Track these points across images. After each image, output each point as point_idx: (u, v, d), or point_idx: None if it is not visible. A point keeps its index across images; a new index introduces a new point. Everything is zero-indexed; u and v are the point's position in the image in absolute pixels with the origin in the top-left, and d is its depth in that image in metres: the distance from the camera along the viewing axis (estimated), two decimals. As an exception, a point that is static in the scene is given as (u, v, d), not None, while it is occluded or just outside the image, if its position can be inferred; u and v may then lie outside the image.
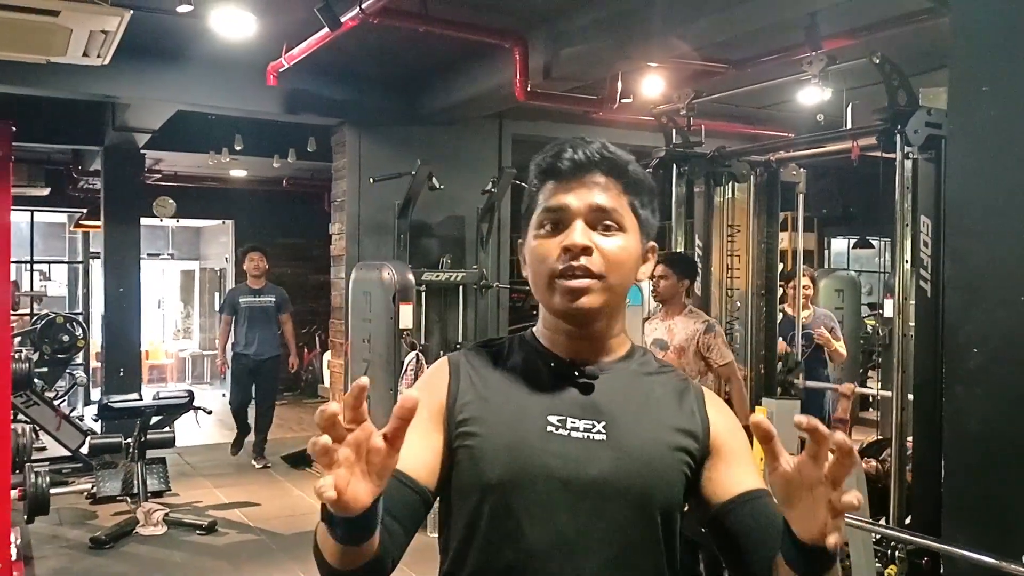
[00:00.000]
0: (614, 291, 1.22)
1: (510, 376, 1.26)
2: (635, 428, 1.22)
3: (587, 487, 1.17)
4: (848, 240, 12.46)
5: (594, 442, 1.19)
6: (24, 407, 6.83)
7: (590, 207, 1.21)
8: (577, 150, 1.22)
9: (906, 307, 3.95)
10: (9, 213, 4.48)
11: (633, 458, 1.19)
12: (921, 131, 3.82)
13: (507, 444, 1.19)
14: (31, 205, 10.94)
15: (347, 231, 6.68)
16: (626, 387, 1.26)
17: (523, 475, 1.17)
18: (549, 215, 1.22)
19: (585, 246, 1.19)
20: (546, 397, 1.23)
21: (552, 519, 1.17)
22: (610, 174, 1.23)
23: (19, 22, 3.34)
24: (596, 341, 1.27)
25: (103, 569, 4.94)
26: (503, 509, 1.18)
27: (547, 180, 1.24)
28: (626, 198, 1.24)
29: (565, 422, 1.20)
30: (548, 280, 1.21)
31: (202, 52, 5.73)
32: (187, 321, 15.67)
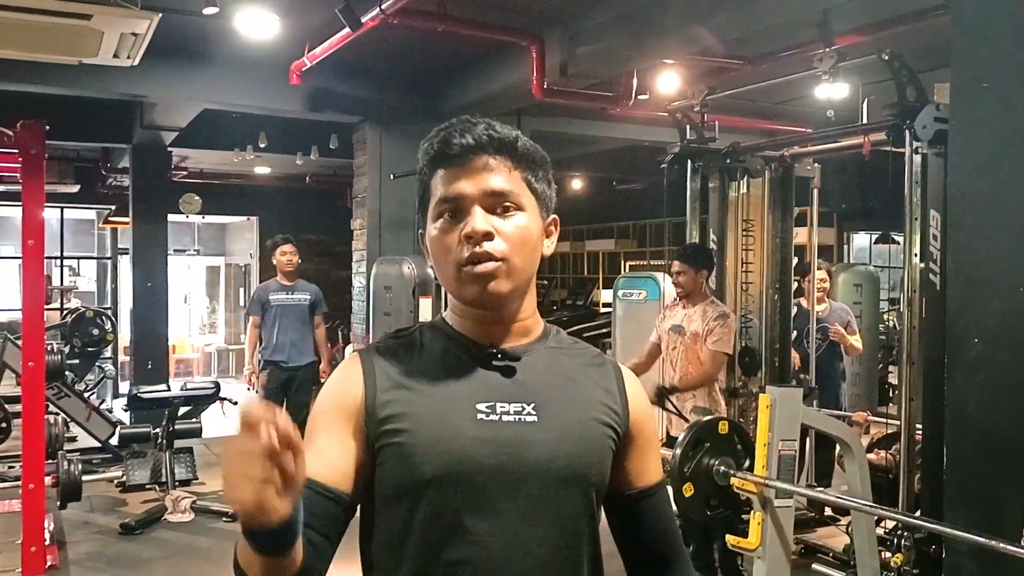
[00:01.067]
0: (520, 272, 1.19)
1: (430, 366, 1.20)
2: (563, 407, 1.20)
3: (526, 471, 1.15)
4: (870, 235, 12.43)
5: (526, 425, 1.17)
6: (56, 399, 7.03)
7: (485, 192, 1.17)
8: (464, 134, 1.19)
9: (915, 300, 4.01)
10: (42, 208, 4.65)
11: (566, 437, 1.18)
12: (930, 126, 3.88)
13: (438, 437, 1.14)
14: (61, 202, 11.17)
15: (368, 227, 6.81)
16: (547, 367, 1.23)
17: (459, 466, 1.13)
18: (446, 205, 1.18)
19: (486, 232, 1.15)
20: (471, 384, 1.19)
21: (494, 508, 1.14)
22: (500, 153, 1.19)
23: (53, 26, 3.49)
24: (510, 324, 1.23)
25: (132, 554, 5.08)
26: (441, 505, 1.13)
27: (437, 167, 1.20)
28: (518, 174, 1.20)
29: (494, 407, 1.17)
30: (455, 270, 1.18)
31: (227, 52, 5.88)
32: (213, 316, 15.91)
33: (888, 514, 3.39)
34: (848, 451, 3.29)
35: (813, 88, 5.94)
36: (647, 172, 9.75)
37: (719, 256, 5.43)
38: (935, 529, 2.87)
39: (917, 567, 3.78)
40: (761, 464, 2.92)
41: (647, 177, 10.56)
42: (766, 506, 2.91)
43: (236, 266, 15.12)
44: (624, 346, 7.84)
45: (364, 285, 6.77)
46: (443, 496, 1.12)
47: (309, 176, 11.49)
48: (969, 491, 2.82)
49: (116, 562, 4.93)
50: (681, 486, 2.90)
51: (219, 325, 15.74)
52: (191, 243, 15.04)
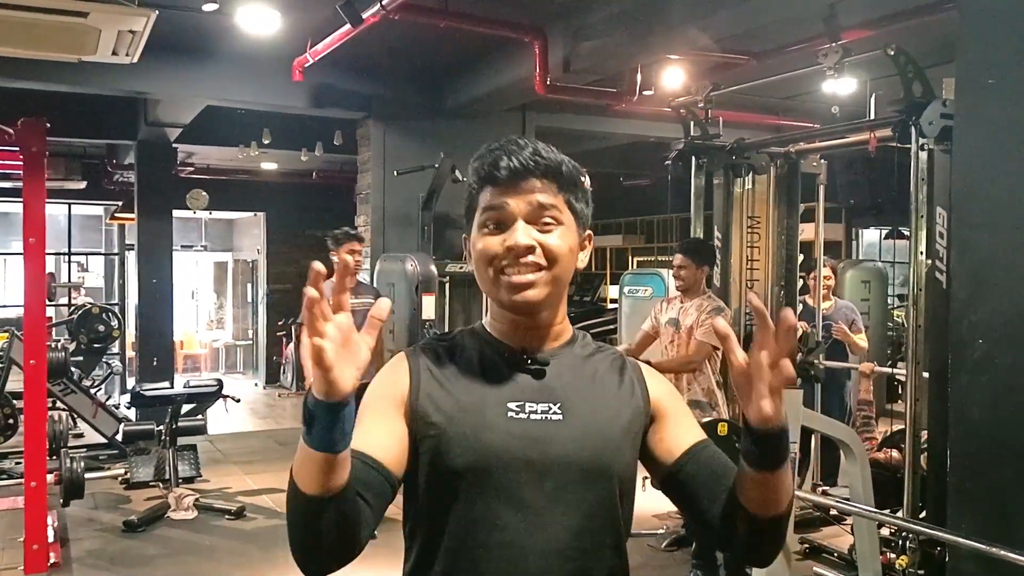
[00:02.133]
0: (557, 282, 1.29)
1: (467, 368, 1.32)
2: (587, 406, 1.30)
3: (550, 465, 1.25)
4: (880, 231, 12.35)
5: (552, 423, 1.27)
6: (62, 395, 7.04)
7: (530, 207, 1.27)
8: (513, 158, 1.28)
9: (921, 298, 3.96)
10: (44, 206, 4.64)
11: (589, 434, 1.28)
12: (936, 123, 3.82)
13: (472, 432, 1.25)
14: (68, 198, 11.19)
15: (372, 223, 6.80)
16: (574, 369, 1.34)
17: (490, 459, 1.24)
18: (492, 214, 1.29)
19: (529, 245, 1.26)
20: (503, 385, 1.29)
21: (521, 498, 1.24)
22: (545, 177, 1.29)
23: (50, 24, 3.47)
24: (542, 329, 1.34)
25: (136, 551, 5.09)
26: (473, 493, 1.24)
27: (486, 185, 1.30)
28: (562, 196, 1.30)
29: (524, 407, 1.27)
30: (495, 276, 1.28)
31: (229, 49, 5.87)
32: (220, 312, 15.94)
33: (886, 519, 3.35)
34: (849, 453, 3.25)
35: (821, 83, 5.88)
36: (654, 168, 9.69)
37: (724, 253, 5.39)
38: (933, 535, 2.83)
39: (922, 568, 3.74)
40: (761, 466, 2.89)
41: (654, 173, 10.51)
42: (766, 509, 2.87)
43: (243, 262, 15.14)
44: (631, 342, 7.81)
45: (368, 281, 6.75)
46: (474, 486, 1.24)
47: (315, 172, 11.49)
48: (972, 493, 2.79)
49: (119, 560, 4.93)
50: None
51: (227, 321, 15.76)
52: (198, 239, 15.05)
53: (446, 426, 1.26)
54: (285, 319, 12.92)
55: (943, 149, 3.89)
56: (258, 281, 13.74)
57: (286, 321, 12.87)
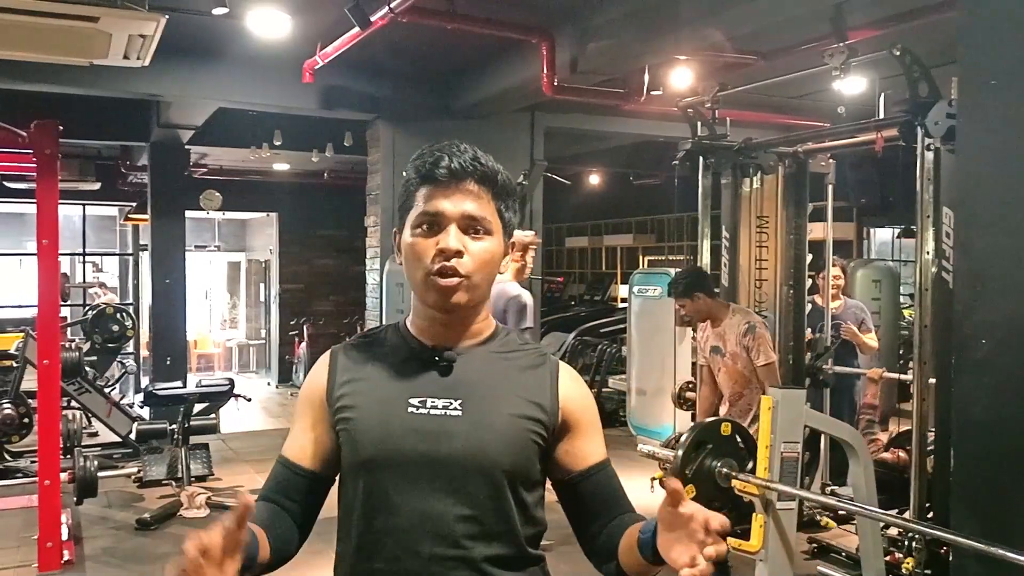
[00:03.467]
0: (480, 288, 1.37)
1: (380, 362, 1.41)
2: (487, 402, 1.36)
3: (444, 459, 1.33)
4: (892, 230, 12.29)
5: (450, 418, 1.34)
6: (76, 394, 7.12)
7: (463, 215, 1.34)
8: (453, 159, 1.35)
9: (927, 298, 3.95)
10: (57, 207, 4.71)
11: (484, 429, 1.34)
12: (942, 122, 3.81)
13: (375, 425, 1.35)
14: (83, 199, 11.30)
15: (381, 224, 6.83)
16: (483, 366, 1.40)
17: (388, 452, 1.33)
18: (426, 217, 1.35)
19: (458, 250, 1.33)
20: (410, 380, 1.38)
21: (416, 491, 1.32)
22: (482, 183, 1.36)
23: (62, 28, 3.52)
24: (461, 326, 1.41)
25: (148, 549, 5.14)
26: (375, 484, 1.34)
27: (424, 184, 1.36)
28: (494, 204, 1.38)
29: (425, 402, 1.35)
30: (424, 277, 1.35)
31: (240, 51, 5.92)
32: (233, 311, 16.04)
33: (889, 519, 3.35)
34: (852, 453, 3.25)
35: (829, 83, 5.87)
36: (664, 167, 9.70)
37: (731, 252, 5.40)
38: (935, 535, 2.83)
39: (929, 568, 3.73)
40: (763, 466, 2.90)
41: (664, 172, 10.51)
42: (768, 508, 2.88)
43: (256, 262, 15.24)
44: (640, 341, 7.82)
45: (377, 282, 6.80)
46: (375, 475, 1.34)
47: (327, 172, 11.55)
48: (976, 494, 2.79)
49: (131, 558, 4.99)
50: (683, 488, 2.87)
51: (240, 320, 15.86)
52: (212, 239, 15.16)
53: (355, 419, 1.36)
54: (297, 318, 13.01)
55: (950, 149, 3.88)
56: (270, 281, 13.82)
57: (298, 320, 12.95)
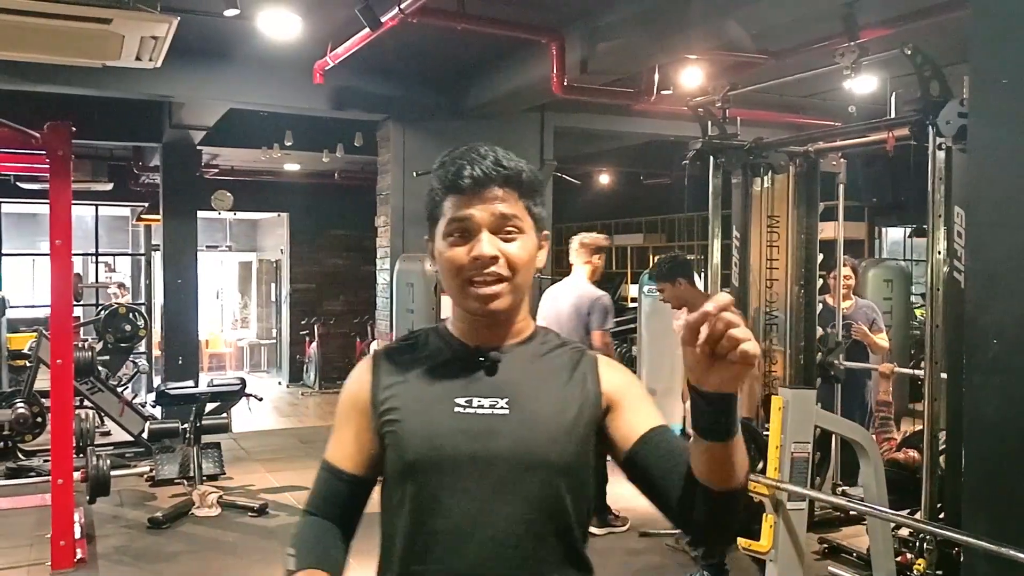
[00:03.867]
0: (520, 289, 1.37)
1: (423, 365, 1.40)
2: (534, 400, 1.35)
3: (493, 458, 1.32)
4: (904, 229, 12.23)
5: (497, 417, 1.33)
6: (89, 393, 7.17)
7: (493, 218, 1.33)
8: (475, 167, 1.33)
9: (938, 298, 3.94)
10: (70, 208, 4.74)
11: (531, 427, 1.33)
12: (953, 122, 3.79)
13: (421, 427, 1.34)
14: (96, 199, 11.37)
15: (392, 224, 6.85)
16: (526, 365, 1.40)
17: (436, 453, 1.32)
18: (457, 225, 1.34)
19: (493, 256, 1.32)
20: (455, 381, 1.37)
21: (465, 492, 1.31)
22: (507, 185, 1.35)
23: (75, 30, 3.54)
24: (502, 328, 1.40)
25: (160, 548, 5.17)
26: (423, 486, 1.33)
27: (449, 193, 1.35)
28: (522, 203, 1.37)
29: (471, 402, 1.34)
30: (462, 286, 1.34)
31: (251, 52, 5.94)
32: (244, 311, 16.10)
33: (900, 519, 3.34)
34: (863, 453, 3.24)
35: (841, 82, 5.85)
36: (674, 166, 9.69)
37: (742, 252, 5.38)
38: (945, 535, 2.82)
39: (940, 568, 3.72)
40: (773, 466, 2.89)
41: (675, 171, 10.49)
42: (778, 509, 2.88)
43: (267, 262, 15.29)
44: (650, 341, 7.80)
45: (388, 281, 6.81)
46: (424, 477, 1.33)
47: (337, 172, 11.58)
48: (987, 494, 2.78)
49: (143, 556, 5.02)
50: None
51: (251, 320, 15.92)
52: (223, 239, 15.22)
53: (401, 421, 1.35)
54: (308, 318, 13.05)
55: (961, 148, 3.87)
56: (281, 281, 13.87)
57: (309, 320, 13.00)
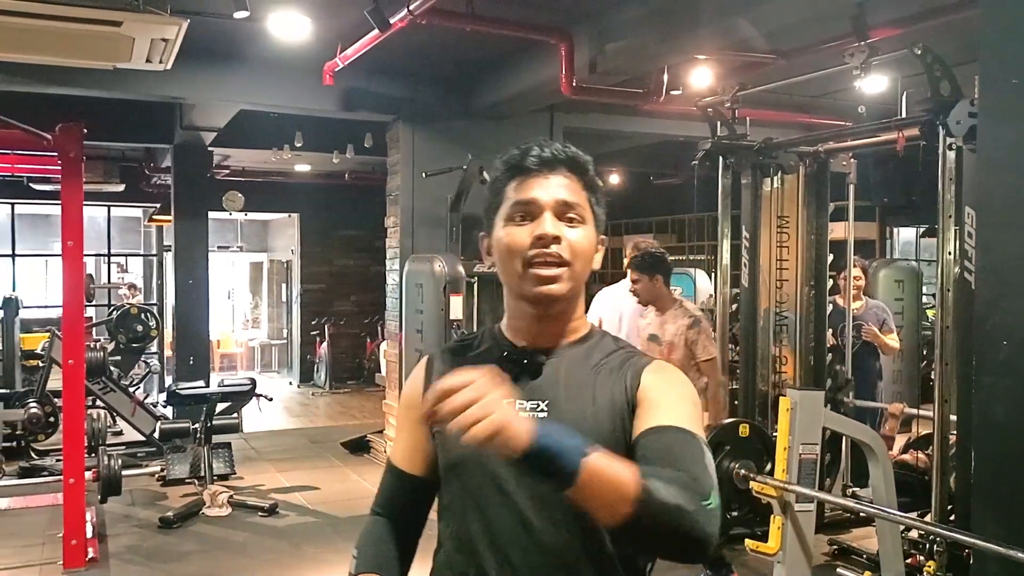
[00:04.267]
0: (578, 278, 1.35)
1: (473, 365, 1.32)
2: (574, 404, 1.34)
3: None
4: (916, 229, 12.17)
5: (537, 420, 1.26)
6: (101, 393, 7.22)
7: (557, 201, 1.33)
8: (544, 149, 1.34)
9: (949, 299, 3.92)
10: (82, 209, 4.77)
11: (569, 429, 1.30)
12: (964, 121, 3.78)
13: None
14: (108, 200, 11.44)
15: (401, 224, 6.86)
16: (573, 367, 1.37)
17: (475, 455, 1.30)
18: (520, 207, 1.33)
19: (556, 235, 1.31)
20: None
21: (505, 492, 1.31)
22: (573, 171, 1.35)
23: (86, 33, 3.57)
24: (557, 324, 1.39)
25: (171, 547, 5.20)
26: (465, 487, 1.35)
27: (514, 177, 1.35)
28: (586, 194, 1.36)
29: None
30: (521, 266, 1.32)
31: (261, 54, 5.96)
32: (255, 311, 16.15)
33: (908, 521, 3.32)
34: (871, 455, 3.23)
35: (851, 82, 5.82)
36: (684, 167, 9.66)
37: (752, 252, 5.37)
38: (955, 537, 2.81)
39: (950, 570, 3.70)
40: (781, 468, 2.88)
41: (685, 172, 10.46)
42: (786, 510, 2.87)
43: (278, 262, 15.34)
44: (660, 343, 7.79)
45: (397, 282, 6.83)
46: (465, 478, 1.35)
47: (348, 173, 11.60)
48: (997, 496, 2.76)
49: (154, 555, 5.05)
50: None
51: (262, 320, 15.98)
52: (234, 239, 15.28)
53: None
54: (318, 318, 13.08)
55: (972, 148, 3.85)
56: (292, 281, 13.91)
57: (319, 320, 13.03)
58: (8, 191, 10.65)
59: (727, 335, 5.47)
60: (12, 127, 4.52)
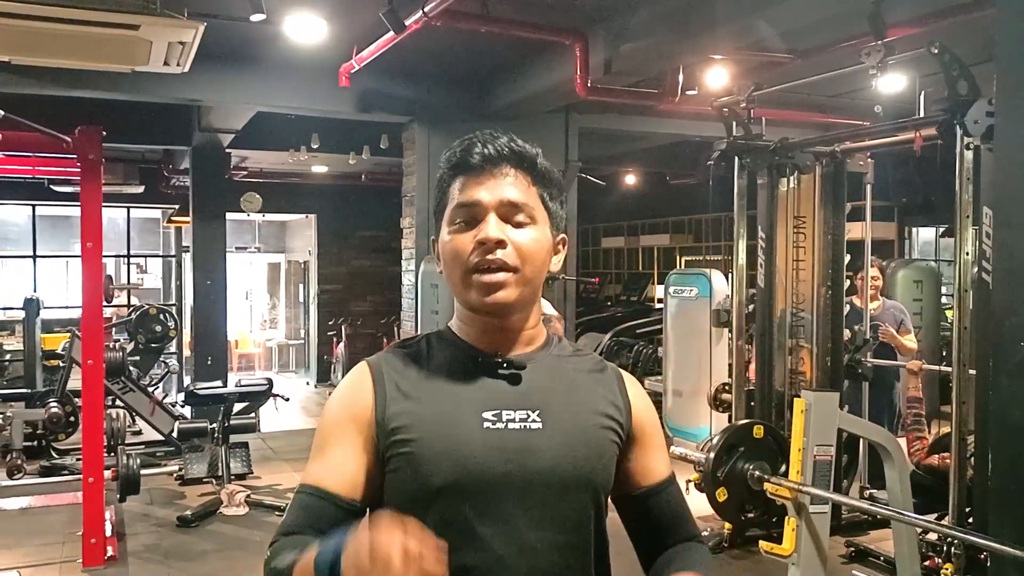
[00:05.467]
0: (529, 283, 1.22)
1: (436, 375, 1.24)
2: (567, 413, 1.23)
3: (532, 477, 1.18)
4: (936, 229, 12.07)
5: (531, 432, 1.20)
6: (121, 393, 7.28)
7: (502, 201, 1.21)
8: (487, 145, 1.23)
9: (966, 299, 3.89)
10: (101, 211, 4.82)
11: (571, 443, 1.21)
12: (982, 121, 3.75)
13: (446, 446, 1.17)
14: (127, 202, 11.55)
15: (417, 225, 6.88)
16: (551, 374, 1.26)
17: (467, 475, 1.16)
18: (462, 210, 1.22)
19: (500, 240, 1.19)
20: (477, 392, 1.22)
21: (502, 515, 1.17)
22: (520, 167, 1.24)
23: (104, 36, 3.60)
24: (514, 333, 1.26)
25: (189, 546, 5.24)
26: (453, 515, 1.16)
27: (457, 175, 1.24)
28: (535, 190, 1.25)
29: (500, 415, 1.20)
30: (463, 275, 1.21)
31: (277, 56, 6.00)
32: (273, 312, 16.24)
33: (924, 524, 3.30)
34: (887, 457, 3.21)
35: (868, 81, 5.78)
36: (701, 167, 9.63)
37: (768, 253, 5.34)
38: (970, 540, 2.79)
39: (968, 573, 3.67)
40: (796, 469, 2.87)
41: (701, 172, 10.44)
42: (800, 512, 2.86)
43: (296, 263, 15.43)
44: (676, 343, 7.77)
45: (412, 282, 6.85)
46: (452, 504, 1.16)
47: (365, 174, 11.65)
48: (1014, 498, 2.74)
49: (172, 554, 5.09)
50: (715, 490, 2.86)
51: (280, 321, 16.06)
52: (252, 240, 15.38)
53: (418, 441, 1.18)
54: (335, 319, 13.15)
55: (990, 147, 3.82)
56: (309, 282, 13.98)
57: (336, 321, 13.09)
58: (29, 193, 10.76)
59: (743, 336, 5.44)
60: (32, 129, 4.56)
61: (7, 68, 5.03)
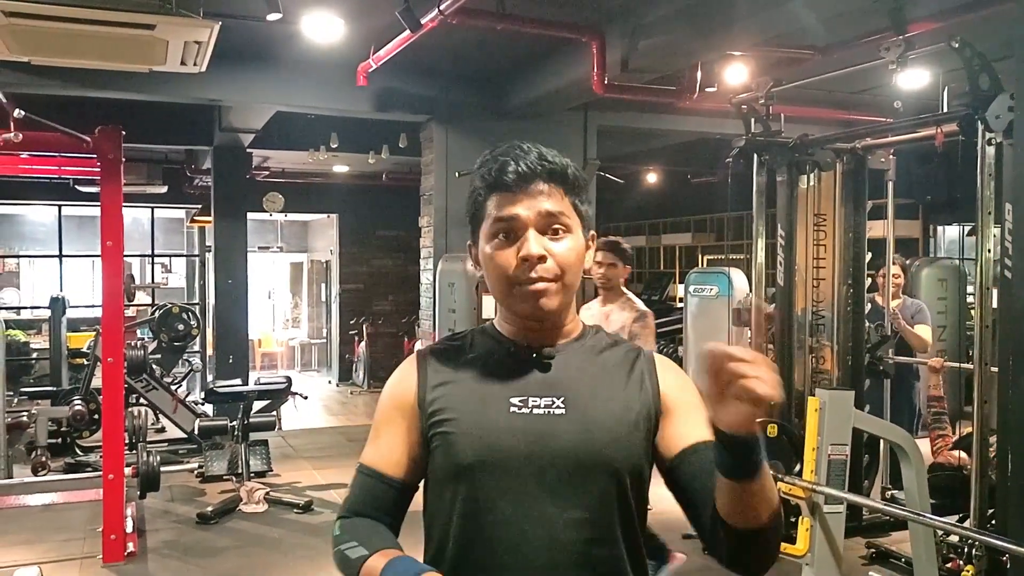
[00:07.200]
0: (569, 288, 1.34)
1: (473, 365, 1.36)
2: (591, 399, 1.32)
3: (551, 458, 1.27)
4: (960, 227, 11.91)
5: (554, 416, 1.30)
6: (144, 391, 7.36)
7: (540, 213, 1.30)
8: (519, 162, 1.31)
9: (989, 297, 3.82)
10: (121, 210, 4.87)
11: (591, 427, 1.29)
12: (1003, 116, 3.68)
13: (476, 428, 1.30)
14: (151, 202, 11.66)
15: (435, 224, 6.89)
16: (580, 363, 1.36)
17: (492, 455, 1.28)
18: (501, 224, 1.31)
19: (541, 255, 1.29)
20: (508, 381, 1.33)
21: (524, 492, 1.27)
22: (552, 181, 1.32)
23: (120, 36, 3.64)
24: (552, 329, 1.37)
25: (208, 543, 5.28)
26: (477, 490, 1.28)
27: (493, 193, 1.33)
28: (568, 200, 1.34)
29: (527, 401, 1.31)
30: (509, 287, 1.31)
31: (295, 56, 6.03)
32: (295, 311, 16.34)
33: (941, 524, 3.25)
34: (904, 457, 3.16)
35: (890, 77, 5.71)
36: (722, 165, 9.57)
37: (787, 251, 5.28)
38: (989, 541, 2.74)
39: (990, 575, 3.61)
40: (810, 469, 2.84)
41: (722, 170, 10.36)
42: (815, 512, 2.82)
43: (318, 262, 15.52)
44: (696, 342, 7.73)
45: (431, 281, 6.85)
46: (479, 480, 1.28)
47: (385, 174, 11.70)
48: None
49: (192, 551, 5.13)
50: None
51: (302, 320, 16.16)
52: (275, 240, 15.48)
53: (453, 423, 1.31)
54: (357, 318, 13.20)
55: (1012, 143, 3.75)
56: (331, 281, 14.06)
57: (358, 320, 13.15)
58: (55, 194, 10.90)
59: (763, 334, 5.39)
60: (52, 129, 4.62)
61: (29, 69, 5.10)
